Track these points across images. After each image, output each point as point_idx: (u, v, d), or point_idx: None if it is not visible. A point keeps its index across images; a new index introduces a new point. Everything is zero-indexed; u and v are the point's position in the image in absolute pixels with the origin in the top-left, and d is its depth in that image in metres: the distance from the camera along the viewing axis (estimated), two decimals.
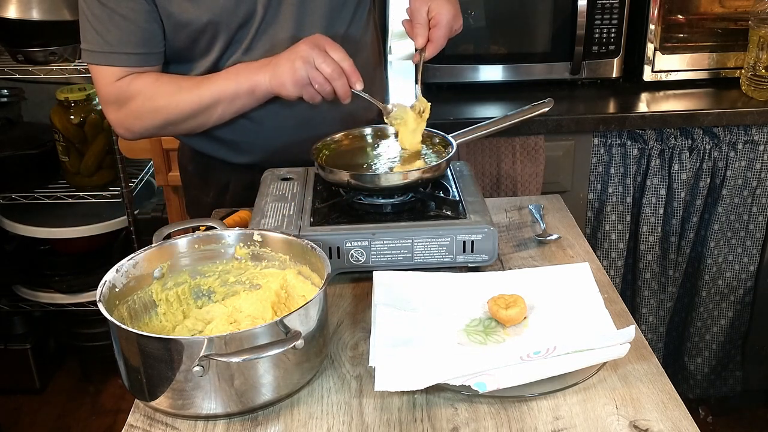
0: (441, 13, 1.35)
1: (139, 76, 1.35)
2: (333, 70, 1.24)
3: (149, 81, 1.35)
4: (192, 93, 1.34)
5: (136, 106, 1.36)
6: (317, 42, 1.26)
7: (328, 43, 1.26)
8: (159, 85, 1.35)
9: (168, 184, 2.23)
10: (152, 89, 1.35)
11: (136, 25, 1.31)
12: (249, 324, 1.04)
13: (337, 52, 1.25)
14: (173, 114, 1.36)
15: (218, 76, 1.34)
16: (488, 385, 0.92)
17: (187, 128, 1.41)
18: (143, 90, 1.35)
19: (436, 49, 1.37)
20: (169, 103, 1.35)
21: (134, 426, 0.94)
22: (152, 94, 1.35)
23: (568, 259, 1.27)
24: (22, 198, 2.37)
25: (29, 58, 2.25)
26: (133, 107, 1.36)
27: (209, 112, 1.36)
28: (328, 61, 1.24)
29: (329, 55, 1.25)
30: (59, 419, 2.50)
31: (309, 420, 0.93)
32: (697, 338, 2.25)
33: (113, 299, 1.00)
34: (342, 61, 1.25)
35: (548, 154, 2.01)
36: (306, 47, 1.25)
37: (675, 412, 0.93)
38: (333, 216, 1.23)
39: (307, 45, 1.26)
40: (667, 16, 2.10)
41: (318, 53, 1.24)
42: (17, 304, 2.55)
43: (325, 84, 1.25)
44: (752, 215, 2.10)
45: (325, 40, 1.26)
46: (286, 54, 1.28)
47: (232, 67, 1.35)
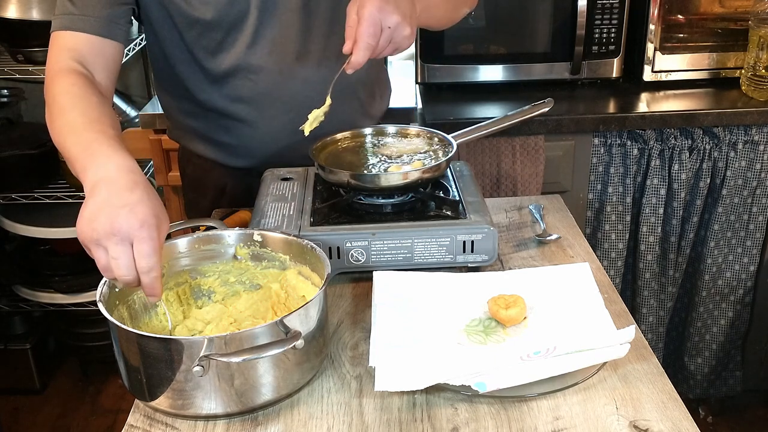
0: (364, 7, 1.13)
1: (68, 75, 1.20)
2: (120, 270, 0.94)
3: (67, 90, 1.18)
4: (74, 139, 1.12)
5: (47, 102, 1.21)
6: (134, 230, 0.93)
7: (144, 239, 0.93)
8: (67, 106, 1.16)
9: (168, 185, 2.22)
10: (58, 100, 1.17)
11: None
12: (249, 324, 1.04)
13: (145, 257, 0.93)
14: (53, 136, 1.20)
15: (101, 144, 1.07)
16: (488, 385, 0.92)
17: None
18: (56, 93, 1.18)
19: (360, 49, 1.13)
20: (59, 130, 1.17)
21: (134, 426, 0.94)
22: (61, 106, 1.17)
23: (568, 259, 1.27)
24: (22, 198, 2.37)
25: (29, 58, 2.25)
26: (47, 100, 1.21)
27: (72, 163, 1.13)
28: (121, 260, 0.93)
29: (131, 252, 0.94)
30: (59, 419, 2.50)
31: (309, 420, 0.93)
32: (697, 338, 2.25)
33: (113, 299, 1.00)
34: (144, 272, 0.94)
35: (548, 154, 2.01)
36: (117, 224, 0.93)
37: (675, 412, 0.93)
38: (333, 216, 1.24)
39: (120, 222, 0.93)
40: (667, 16, 2.10)
41: (117, 242, 0.93)
42: (17, 304, 2.55)
43: (106, 270, 0.96)
44: (752, 215, 2.10)
45: (145, 234, 0.93)
46: (109, 201, 0.95)
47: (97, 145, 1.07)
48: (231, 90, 1.41)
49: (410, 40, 1.18)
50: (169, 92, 1.51)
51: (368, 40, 1.13)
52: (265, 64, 1.38)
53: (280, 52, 1.38)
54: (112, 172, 1.00)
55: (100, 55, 1.27)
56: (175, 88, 1.48)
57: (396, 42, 1.16)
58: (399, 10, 1.14)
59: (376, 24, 1.13)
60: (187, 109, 1.49)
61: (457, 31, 2.07)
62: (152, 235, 0.94)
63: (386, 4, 1.13)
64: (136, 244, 0.94)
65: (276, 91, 1.41)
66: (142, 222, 0.94)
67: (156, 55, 1.45)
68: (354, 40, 1.14)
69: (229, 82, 1.40)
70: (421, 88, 2.19)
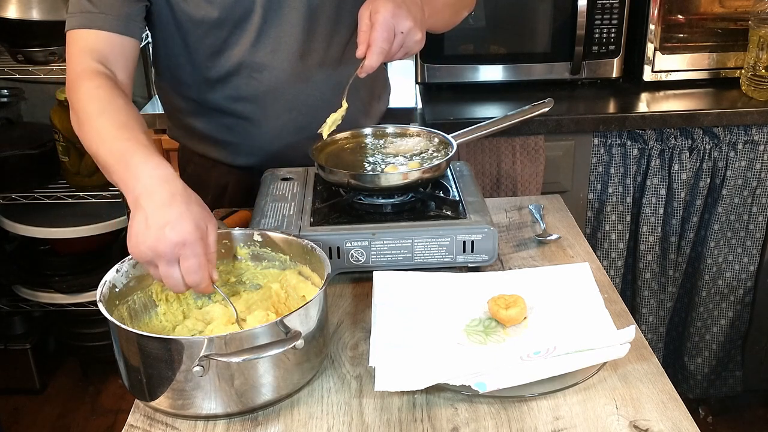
0: (378, 12, 1.15)
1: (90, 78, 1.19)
2: (174, 287, 0.99)
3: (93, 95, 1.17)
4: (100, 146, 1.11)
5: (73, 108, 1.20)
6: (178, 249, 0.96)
7: (189, 256, 0.96)
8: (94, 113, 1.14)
9: None
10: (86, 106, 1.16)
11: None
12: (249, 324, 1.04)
13: (191, 273, 0.97)
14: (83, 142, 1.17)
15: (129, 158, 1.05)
16: (488, 385, 0.92)
17: None
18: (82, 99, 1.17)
19: (373, 53, 1.15)
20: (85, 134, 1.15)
21: (134, 426, 0.94)
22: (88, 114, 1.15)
23: (568, 259, 1.27)
24: (22, 198, 2.37)
25: (29, 58, 2.25)
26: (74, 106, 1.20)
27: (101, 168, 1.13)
28: (172, 279, 0.98)
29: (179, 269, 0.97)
30: (59, 419, 2.50)
31: (309, 420, 0.93)
32: (697, 338, 2.25)
33: (113, 299, 1.00)
34: (194, 285, 0.99)
35: (548, 154, 2.01)
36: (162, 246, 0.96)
37: (675, 412, 0.93)
38: (333, 216, 1.24)
39: (164, 243, 0.95)
40: (667, 16, 2.09)
41: (166, 263, 0.97)
42: (17, 304, 2.55)
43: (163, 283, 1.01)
44: (752, 215, 2.10)
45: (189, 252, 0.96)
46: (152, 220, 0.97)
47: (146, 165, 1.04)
48: (234, 88, 1.41)
49: (420, 45, 1.20)
50: (170, 91, 1.51)
51: (382, 45, 1.15)
52: (269, 62, 1.38)
53: (284, 50, 1.38)
54: (148, 185, 1.01)
55: (121, 53, 1.27)
56: (177, 87, 1.48)
57: (407, 46, 1.19)
58: (411, 15, 1.17)
59: (389, 29, 1.15)
60: (188, 108, 1.49)
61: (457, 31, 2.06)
62: (195, 252, 0.96)
63: (399, 9, 1.16)
64: (182, 261, 0.96)
65: (278, 90, 1.41)
66: (184, 241, 0.96)
67: (159, 55, 1.45)
68: (367, 44, 1.16)
69: (232, 80, 1.40)
70: (421, 88, 2.19)
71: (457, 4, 1.46)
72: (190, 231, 0.96)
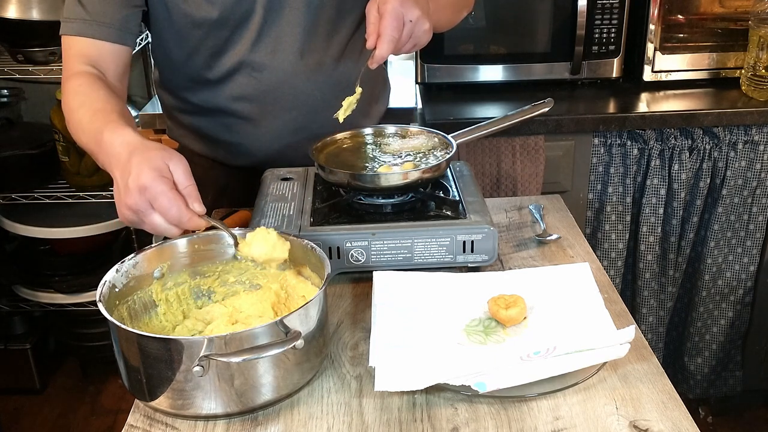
0: (386, 3, 1.17)
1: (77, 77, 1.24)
2: (167, 233, 1.04)
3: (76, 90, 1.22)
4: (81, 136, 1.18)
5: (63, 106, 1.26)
6: (143, 196, 1.00)
7: (156, 197, 1.00)
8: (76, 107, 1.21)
9: None
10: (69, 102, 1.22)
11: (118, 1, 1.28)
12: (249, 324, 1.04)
13: (167, 212, 1.00)
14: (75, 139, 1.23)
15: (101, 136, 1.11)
16: (488, 385, 0.92)
17: None
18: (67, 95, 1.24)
19: (384, 42, 1.17)
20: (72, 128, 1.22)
21: (134, 426, 0.94)
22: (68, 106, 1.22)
23: (568, 259, 1.27)
24: (22, 198, 2.37)
25: (29, 58, 2.25)
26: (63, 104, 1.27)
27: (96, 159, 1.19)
28: (158, 227, 1.02)
29: (157, 211, 1.01)
30: (59, 419, 2.50)
31: (309, 420, 0.93)
32: (697, 338, 2.25)
33: (113, 299, 1.00)
34: (177, 223, 1.02)
35: (548, 154, 2.01)
36: (131, 200, 1.00)
37: (675, 412, 0.93)
38: (333, 216, 1.24)
39: (132, 198, 1.00)
40: (667, 16, 2.10)
41: (144, 214, 1.01)
42: (17, 304, 2.55)
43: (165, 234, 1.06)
44: (752, 215, 2.10)
45: (154, 192, 1.00)
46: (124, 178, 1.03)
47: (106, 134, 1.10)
48: (234, 88, 1.41)
49: (428, 35, 1.23)
50: (170, 91, 1.51)
51: (392, 33, 1.17)
52: (269, 62, 1.38)
53: (284, 50, 1.38)
54: (115, 154, 1.07)
55: (113, 60, 1.31)
56: (177, 87, 1.48)
57: (416, 36, 1.21)
58: (418, 5, 1.19)
59: (398, 18, 1.17)
60: (189, 108, 1.49)
61: (457, 31, 2.06)
62: (160, 190, 1.00)
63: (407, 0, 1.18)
64: (153, 204, 1.00)
65: (279, 90, 1.41)
66: (144, 186, 0.99)
67: (159, 55, 1.45)
68: (377, 34, 1.18)
69: (233, 80, 1.40)
70: (421, 88, 2.19)
71: (458, 3, 1.47)
72: (146, 174, 1.00)
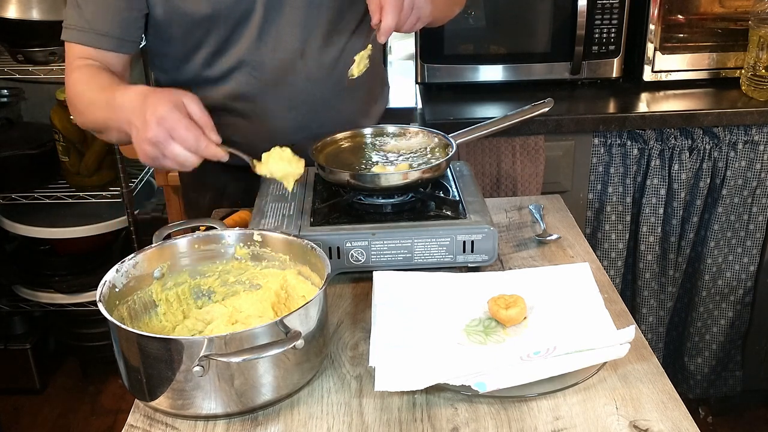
0: None
1: (79, 69, 1.31)
2: (186, 162, 1.10)
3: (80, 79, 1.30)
4: (95, 112, 1.26)
5: (69, 99, 1.34)
6: (162, 127, 1.08)
7: (173, 127, 1.07)
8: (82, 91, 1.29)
9: (168, 184, 2.23)
10: (76, 89, 1.30)
11: (116, 8, 1.30)
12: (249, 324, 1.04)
13: (186, 140, 1.08)
14: (87, 124, 1.32)
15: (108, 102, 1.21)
16: (488, 385, 0.92)
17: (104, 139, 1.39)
18: (72, 86, 1.31)
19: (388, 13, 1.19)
20: (83, 112, 1.30)
21: (134, 426, 0.94)
22: (74, 94, 1.31)
23: (568, 259, 1.27)
24: (22, 198, 2.37)
25: (29, 58, 2.25)
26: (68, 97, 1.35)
27: (108, 135, 1.29)
28: (179, 157, 1.09)
29: (176, 140, 1.08)
30: (59, 419, 2.50)
31: (309, 420, 0.93)
32: (697, 338, 2.25)
33: (113, 299, 1.00)
34: (196, 150, 1.09)
35: (548, 154, 2.01)
36: (150, 134, 1.08)
37: (675, 412, 0.93)
38: (333, 216, 1.24)
39: (151, 131, 1.08)
40: (667, 16, 2.10)
41: (164, 146, 1.08)
42: (17, 304, 2.55)
43: (182, 169, 1.13)
44: (752, 215, 2.10)
45: (170, 124, 1.07)
46: (139, 119, 1.10)
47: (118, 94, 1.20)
48: (234, 86, 1.41)
49: (429, 8, 1.26)
50: None
51: (394, 3, 1.19)
52: (269, 61, 1.38)
53: (284, 48, 1.38)
54: (129, 106, 1.15)
55: (112, 63, 1.35)
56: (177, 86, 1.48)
57: (418, 7, 1.23)
58: None
59: None
60: None
61: (457, 31, 2.07)
62: (177, 119, 1.08)
63: None
64: (171, 134, 1.07)
65: (278, 89, 1.41)
66: (162, 117, 1.07)
67: (158, 55, 1.45)
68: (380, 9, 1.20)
69: (233, 78, 1.40)
70: (421, 88, 2.19)
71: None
72: (163, 106, 1.08)
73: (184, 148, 1.08)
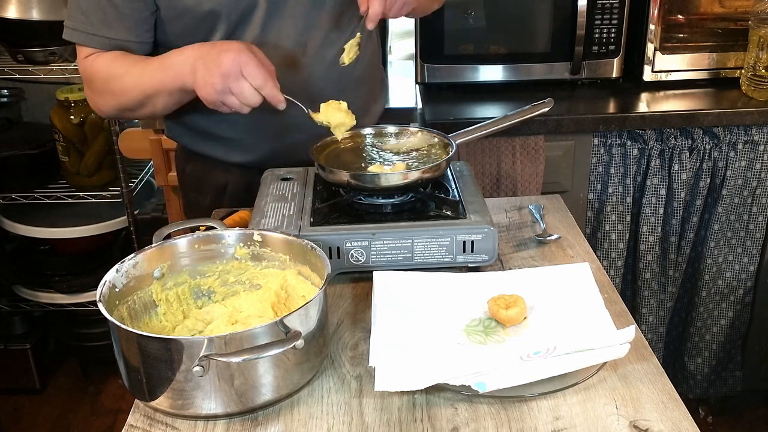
0: None
1: (102, 55, 1.34)
2: (249, 99, 1.20)
3: (107, 61, 1.34)
4: (137, 81, 1.32)
5: (97, 86, 1.37)
6: (236, 61, 1.18)
7: (246, 62, 1.18)
8: (113, 67, 1.34)
9: (168, 184, 2.23)
10: (107, 71, 1.34)
11: (121, 12, 1.31)
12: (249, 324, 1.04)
13: (256, 77, 1.18)
14: (124, 100, 1.36)
15: (158, 64, 1.31)
16: (488, 385, 0.92)
17: (141, 115, 1.43)
18: (100, 71, 1.35)
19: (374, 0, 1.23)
20: (120, 89, 1.34)
21: (134, 426, 0.94)
22: (107, 76, 1.34)
23: (568, 259, 1.27)
24: (22, 198, 2.37)
25: (29, 58, 2.26)
26: (95, 86, 1.38)
27: (153, 102, 1.34)
28: (245, 92, 1.19)
29: (247, 80, 1.18)
30: (59, 419, 2.50)
31: (309, 420, 0.93)
32: (697, 338, 2.25)
33: (113, 299, 1.00)
34: (262, 87, 1.19)
35: (548, 154, 2.01)
36: (224, 67, 1.18)
37: (675, 412, 0.93)
38: (333, 216, 1.24)
39: (224, 65, 1.18)
40: (667, 16, 2.10)
41: (234, 80, 1.18)
42: (17, 304, 2.55)
43: (242, 108, 1.22)
44: (752, 215, 2.10)
45: (245, 59, 1.18)
46: (207, 60, 1.21)
47: (172, 54, 1.29)
48: None
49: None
50: None
51: None
52: (271, 57, 1.38)
53: (286, 45, 1.38)
54: (190, 54, 1.24)
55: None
56: None
57: None
58: None
59: None
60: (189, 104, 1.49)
61: (457, 31, 2.07)
62: (249, 56, 1.17)
63: None
64: (244, 71, 1.17)
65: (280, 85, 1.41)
66: (238, 50, 1.18)
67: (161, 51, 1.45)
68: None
69: None
70: (421, 88, 2.19)
71: None
72: (236, 45, 1.19)
73: (252, 86, 1.17)
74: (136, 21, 1.33)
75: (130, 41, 1.35)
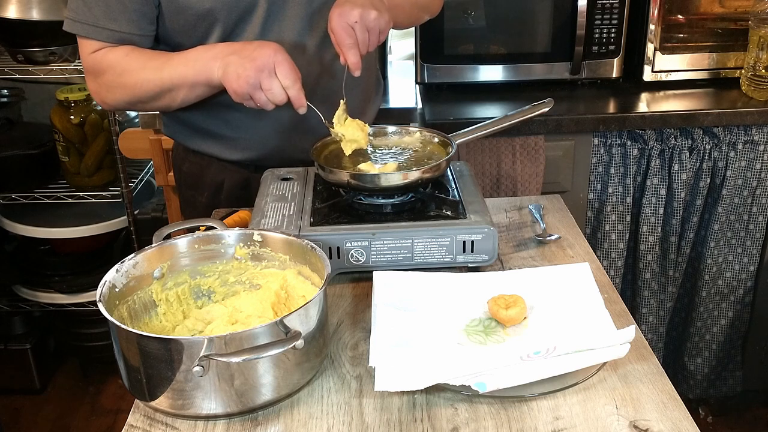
0: (331, 20, 1.27)
1: (114, 49, 1.35)
2: (276, 97, 1.22)
3: (120, 55, 1.34)
4: (155, 75, 1.33)
5: (108, 80, 1.37)
6: (271, 59, 1.21)
7: (281, 62, 1.21)
8: (128, 61, 1.34)
9: (168, 184, 2.23)
10: (122, 65, 1.35)
11: (124, 4, 1.31)
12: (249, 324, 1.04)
13: (287, 77, 1.22)
14: (139, 93, 1.36)
15: (181, 59, 1.32)
16: (488, 385, 0.92)
17: (155, 107, 1.43)
18: (114, 65, 1.35)
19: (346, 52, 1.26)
20: (135, 82, 1.34)
21: (134, 426, 0.94)
22: (122, 69, 1.35)
23: (568, 259, 1.27)
24: (22, 198, 2.37)
25: (29, 58, 2.26)
26: (105, 80, 1.37)
27: (172, 95, 1.35)
28: (274, 89, 1.22)
29: (277, 78, 1.21)
30: (59, 419, 2.50)
31: (309, 420, 0.93)
32: (697, 338, 2.25)
33: (113, 299, 1.00)
34: (290, 87, 1.22)
35: (548, 154, 2.01)
36: (259, 62, 1.21)
37: (675, 412, 0.93)
38: (333, 216, 1.24)
39: (260, 60, 1.21)
40: (667, 16, 2.10)
41: (267, 76, 1.21)
42: (17, 304, 2.55)
43: (267, 104, 1.24)
44: (752, 215, 2.10)
45: (280, 58, 1.22)
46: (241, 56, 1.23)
47: (197, 50, 1.32)
48: None
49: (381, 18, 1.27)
50: None
51: (347, 41, 1.25)
52: None
53: (286, 45, 1.38)
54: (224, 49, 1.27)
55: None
56: None
57: (372, 28, 1.27)
58: (357, 4, 1.26)
59: (344, 28, 1.25)
60: None
61: (457, 31, 2.07)
62: (286, 57, 1.22)
63: (343, 7, 1.26)
64: (277, 69, 1.20)
65: None
66: (276, 49, 1.22)
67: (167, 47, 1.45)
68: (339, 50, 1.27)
69: None
70: (421, 88, 2.19)
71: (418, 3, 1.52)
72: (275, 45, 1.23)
73: (281, 84, 1.21)
74: (139, 14, 1.33)
75: (134, 34, 1.35)
